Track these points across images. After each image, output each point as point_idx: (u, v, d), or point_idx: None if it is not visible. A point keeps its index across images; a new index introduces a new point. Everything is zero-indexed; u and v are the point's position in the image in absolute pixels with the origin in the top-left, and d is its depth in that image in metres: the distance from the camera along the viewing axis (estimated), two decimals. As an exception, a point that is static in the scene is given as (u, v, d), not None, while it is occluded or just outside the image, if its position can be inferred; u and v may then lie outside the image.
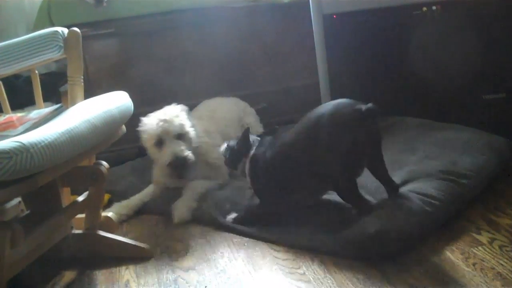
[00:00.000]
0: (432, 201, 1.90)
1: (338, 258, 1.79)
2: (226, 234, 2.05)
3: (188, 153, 2.25)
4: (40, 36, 1.92)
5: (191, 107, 2.52)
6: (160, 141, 2.27)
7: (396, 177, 2.10)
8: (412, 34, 2.67)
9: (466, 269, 1.65)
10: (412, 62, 2.69)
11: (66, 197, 1.98)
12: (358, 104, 1.81)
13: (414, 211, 1.83)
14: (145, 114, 2.33)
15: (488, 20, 2.61)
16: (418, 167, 2.15)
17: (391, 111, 2.74)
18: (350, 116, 1.79)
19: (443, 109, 2.70)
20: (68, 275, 1.90)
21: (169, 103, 2.38)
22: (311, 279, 1.70)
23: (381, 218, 1.78)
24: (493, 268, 1.64)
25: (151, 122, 2.28)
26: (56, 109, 1.79)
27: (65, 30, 1.92)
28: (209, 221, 2.14)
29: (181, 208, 2.22)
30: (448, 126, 2.49)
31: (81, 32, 1.92)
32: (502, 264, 1.65)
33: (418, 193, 1.93)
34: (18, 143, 1.35)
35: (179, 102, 2.39)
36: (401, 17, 2.68)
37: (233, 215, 2.10)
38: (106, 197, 2.38)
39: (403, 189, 1.99)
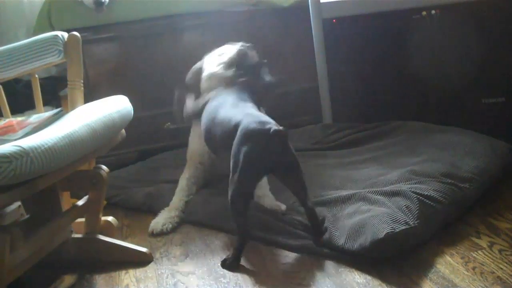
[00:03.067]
0: (433, 203, 1.91)
1: (337, 262, 1.79)
2: (226, 239, 2.05)
3: None
4: (40, 40, 1.93)
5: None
6: None
7: (396, 176, 2.11)
8: (411, 38, 2.68)
9: (466, 273, 1.65)
10: (412, 66, 2.70)
11: (66, 201, 1.98)
12: (269, 124, 1.78)
13: (415, 216, 1.83)
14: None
15: (487, 24, 2.62)
16: (419, 168, 2.15)
17: (390, 115, 2.74)
18: (256, 135, 1.77)
19: (443, 113, 2.71)
20: (68, 279, 1.90)
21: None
22: (311, 283, 1.70)
23: (387, 222, 1.77)
24: (493, 272, 1.64)
25: None
26: (56, 113, 1.79)
27: (65, 34, 1.92)
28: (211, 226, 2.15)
29: (158, 219, 2.19)
30: (450, 129, 2.49)
31: (81, 36, 1.92)
32: (502, 268, 1.65)
33: (419, 194, 1.93)
34: (18, 148, 1.35)
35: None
36: (400, 21, 2.69)
37: None
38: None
39: (404, 187, 2.00)
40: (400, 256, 1.75)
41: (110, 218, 2.13)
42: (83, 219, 1.98)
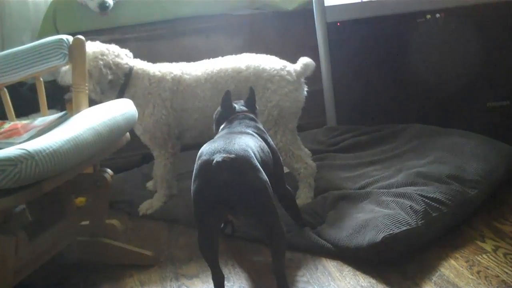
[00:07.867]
0: (439, 206, 1.91)
1: (341, 266, 1.79)
2: (230, 242, 2.05)
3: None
4: (45, 44, 1.93)
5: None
6: None
7: (402, 178, 2.11)
8: (416, 42, 2.68)
9: (471, 277, 1.65)
10: (416, 69, 2.69)
11: (70, 204, 1.98)
12: (216, 155, 1.54)
13: (419, 216, 1.83)
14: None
15: (491, 28, 2.61)
16: (426, 170, 2.16)
17: (395, 118, 2.74)
18: (202, 166, 1.57)
19: (447, 116, 2.70)
20: (72, 282, 1.91)
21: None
22: (315, 287, 1.69)
23: (387, 225, 1.77)
24: (498, 276, 1.63)
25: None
26: (61, 117, 1.79)
27: (70, 38, 1.92)
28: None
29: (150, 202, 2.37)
30: (455, 132, 2.49)
31: (86, 39, 1.93)
32: (506, 272, 1.65)
33: (425, 197, 1.93)
34: (23, 151, 1.35)
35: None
36: (405, 24, 2.69)
37: None
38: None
39: (410, 190, 2.00)
40: (404, 259, 1.75)
41: (114, 221, 2.13)
42: (87, 222, 1.99)
